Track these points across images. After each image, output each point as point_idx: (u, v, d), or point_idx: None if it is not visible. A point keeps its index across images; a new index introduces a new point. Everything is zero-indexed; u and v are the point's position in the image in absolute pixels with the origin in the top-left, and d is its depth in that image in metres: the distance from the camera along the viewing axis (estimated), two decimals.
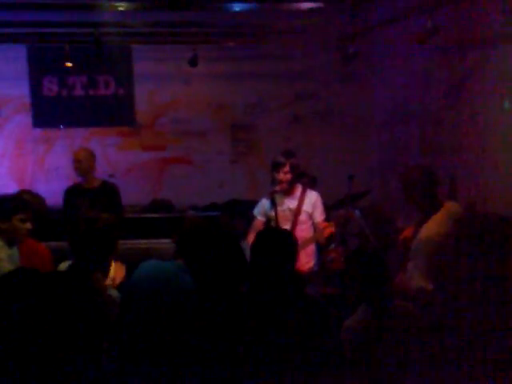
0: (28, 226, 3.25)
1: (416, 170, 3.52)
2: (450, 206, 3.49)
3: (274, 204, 4.26)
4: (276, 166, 4.27)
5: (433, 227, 3.32)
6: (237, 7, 4.88)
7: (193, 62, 5.92)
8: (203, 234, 2.94)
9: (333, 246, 4.72)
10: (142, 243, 5.30)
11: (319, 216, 4.44)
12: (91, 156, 5.16)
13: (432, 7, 4.26)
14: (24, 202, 3.40)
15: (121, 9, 4.66)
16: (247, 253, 2.72)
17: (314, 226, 4.43)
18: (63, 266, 3.02)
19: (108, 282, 2.99)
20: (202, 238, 2.85)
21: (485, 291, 3.32)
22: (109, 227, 2.79)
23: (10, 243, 3.28)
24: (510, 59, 4.26)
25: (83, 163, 5.08)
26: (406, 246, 3.54)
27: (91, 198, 5.00)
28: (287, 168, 4.26)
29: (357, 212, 5.14)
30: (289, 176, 4.29)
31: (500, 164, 4.41)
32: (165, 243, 4.23)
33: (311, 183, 5.43)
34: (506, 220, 3.94)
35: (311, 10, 4.99)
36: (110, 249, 2.83)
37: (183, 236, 3.04)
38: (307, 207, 4.41)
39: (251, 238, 4.43)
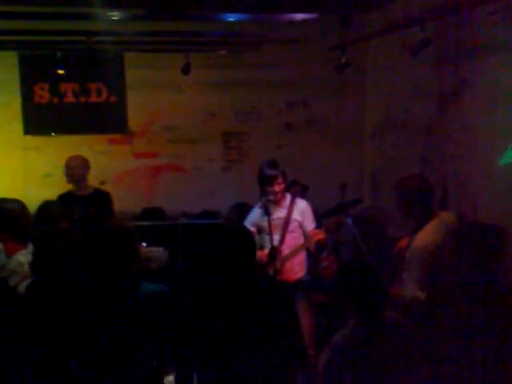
0: None
1: (413, 179, 3.48)
2: (444, 216, 3.49)
3: (267, 213, 4.27)
4: (269, 180, 4.28)
5: (427, 236, 3.32)
6: (231, 17, 4.88)
7: (185, 70, 5.93)
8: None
9: (325, 254, 4.74)
10: None
11: (310, 225, 4.47)
12: (84, 163, 5.15)
13: (423, 19, 4.31)
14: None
15: (114, 18, 4.65)
16: None
17: (305, 234, 4.45)
18: None
19: None
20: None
21: (477, 298, 3.35)
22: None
23: None
24: (499, 69, 4.32)
25: (75, 170, 5.07)
26: (401, 256, 3.54)
27: (84, 205, 4.99)
28: (280, 179, 4.29)
29: (349, 220, 5.16)
30: (282, 186, 4.33)
31: (491, 174, 4.45)
32: (156, 251, 4.23)
33: (302, 191, 5.45)
34: (497, 229, 3.97)
35: (305, 20, 5.01)
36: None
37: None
38: (297, 216, 4.43)
39: None
